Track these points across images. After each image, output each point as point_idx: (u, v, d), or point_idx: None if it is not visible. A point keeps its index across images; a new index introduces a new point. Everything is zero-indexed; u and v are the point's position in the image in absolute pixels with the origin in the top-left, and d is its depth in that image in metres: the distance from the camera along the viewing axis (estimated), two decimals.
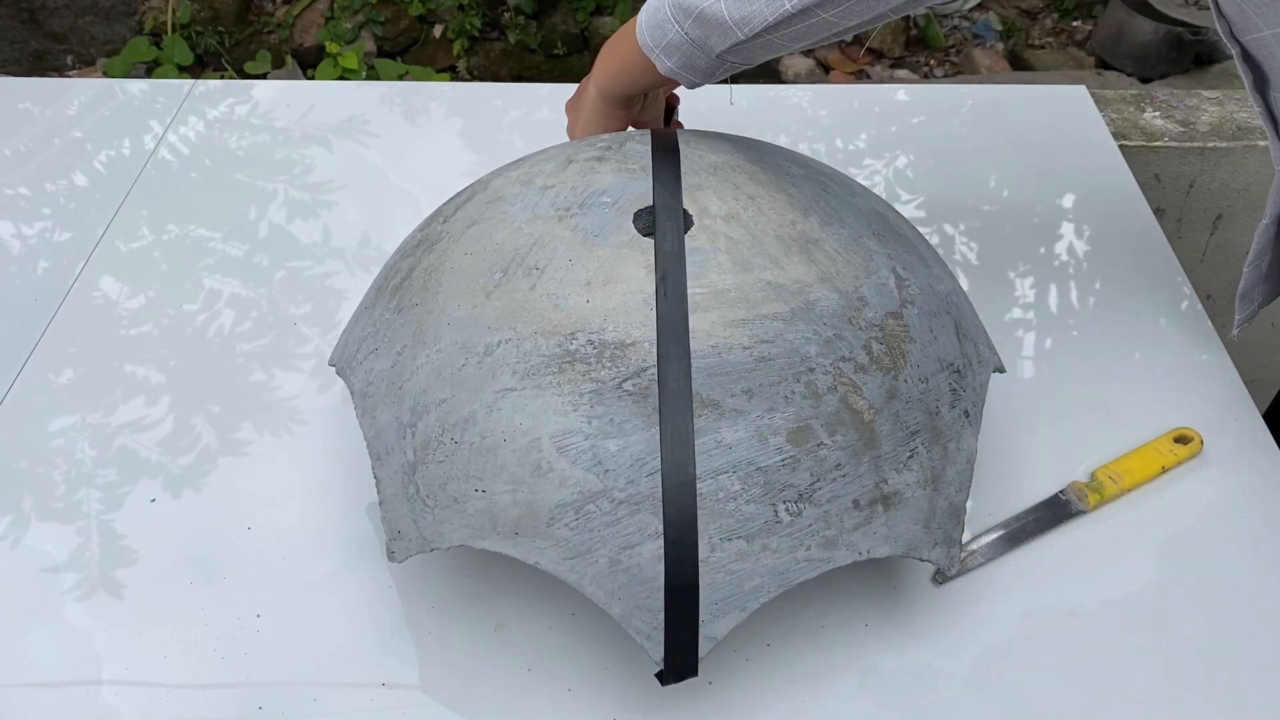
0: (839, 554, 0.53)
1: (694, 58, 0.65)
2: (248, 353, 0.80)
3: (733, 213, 0.59)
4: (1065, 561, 0.65)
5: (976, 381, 0.61)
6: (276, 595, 0.64)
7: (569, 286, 0.56)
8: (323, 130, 1.03)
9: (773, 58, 0.65)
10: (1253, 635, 0.61)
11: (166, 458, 0.72)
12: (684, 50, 0.65)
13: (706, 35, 0.63)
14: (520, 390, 0.54)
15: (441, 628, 0.62)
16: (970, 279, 0.86)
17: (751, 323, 0.55)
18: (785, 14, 0.58)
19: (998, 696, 0.58)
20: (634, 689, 0.59)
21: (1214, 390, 0.75)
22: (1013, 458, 0.71)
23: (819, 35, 0.61)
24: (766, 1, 0.59)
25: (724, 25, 0.61)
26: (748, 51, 0.63)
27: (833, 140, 1.02)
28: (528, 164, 0.66)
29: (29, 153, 1.01)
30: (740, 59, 0.64)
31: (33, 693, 0.59)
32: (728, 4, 0.60)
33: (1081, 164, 0.98)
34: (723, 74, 0.67)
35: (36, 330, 0.82)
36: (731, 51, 0.63)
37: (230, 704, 0.59)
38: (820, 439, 0.53)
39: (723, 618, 0.52)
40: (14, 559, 0.66)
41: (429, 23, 2.59)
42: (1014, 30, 2.67)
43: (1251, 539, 0.66)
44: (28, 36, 2.56)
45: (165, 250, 0.90)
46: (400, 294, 0.62)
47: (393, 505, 0.57)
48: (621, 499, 0.52)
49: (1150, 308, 0.82)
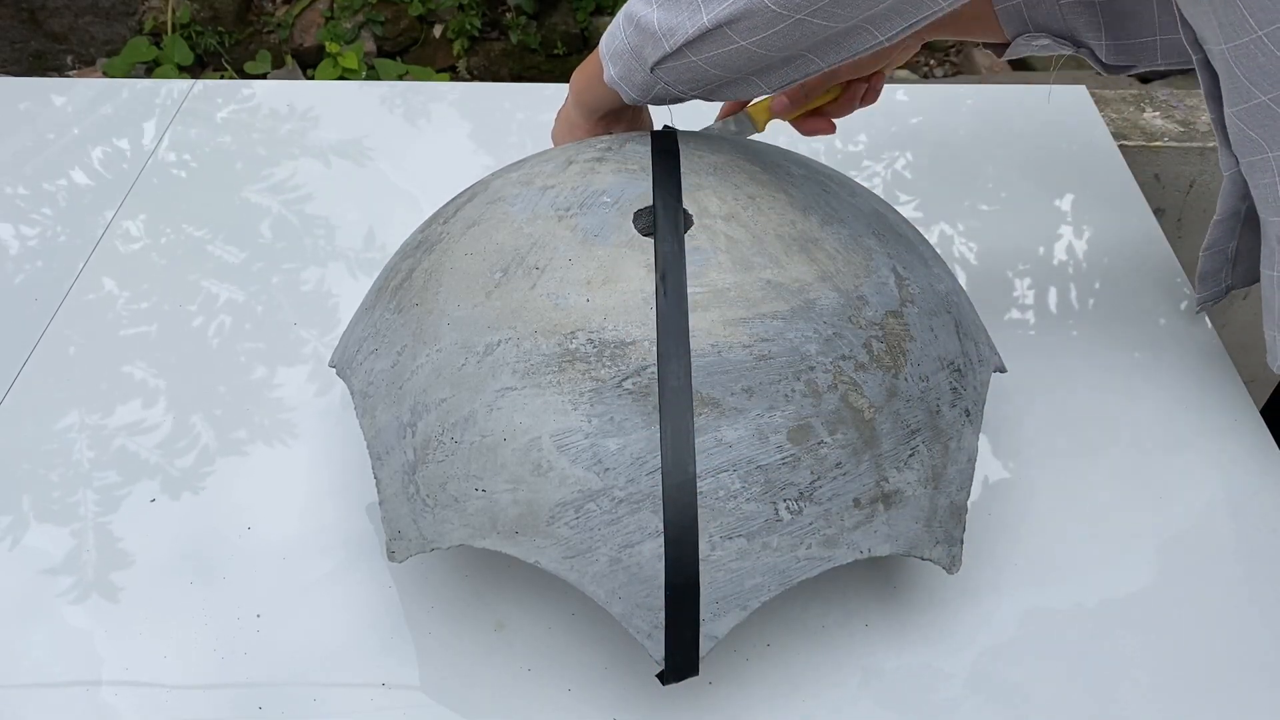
0: (840, 552, 0.53)
1: (632, 69, 0.64)
2: (247, 353, 0.80)
3: (733, 212, 0.59)
4: (1065, 561, 0.65)
5: (977, 380, 0.61)
6: (276, 595, 0.64)
7: (569, 286, 0.56)
8: (323, 131, 1.03)
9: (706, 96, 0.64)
10: (1253, 635, 0.61)
11: (166, 458, 0.72)
12: (625, 59, 0.64)
13: (642, 44, 0.62)
14: (520, 389, 0.54)
15: (441, 628, 0.62)
16: (970, 279, 0.86)
17: (751, 321, 0.55)
18: (701, 29, 0.58)
19: (998, 696, 0.58)
20: (634, 689, 0.59)
21: (1213, 390, 0.75)
22: (1013, 457, 0.71)
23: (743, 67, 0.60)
24: (689, 14, 0.58)
25: (654, 34, 0.60)
26: (676, 71, 0.62)
27: (832, 140, 1.02)
28: (528, 165, 0.66)
29: (29, 153, 1.01)
30: (670, 80, 0.63)
31: (32, 693, 0.59)
32: (659, 12, 0.60)
33: (1081, 164, 0.98)
34: (658, 93, 0.65)
35: (36, 330, 0.82)
36: (662, 67, 0.62)
37: (230, 704, 0.59)
38: (821, 437, 0.53)
39: (723, 616, 0.52)
40: (13, 559, 0.66)
41: (429, 23, 2.59)
42: None
43: (1251, 539, 0.66)
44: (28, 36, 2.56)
45: (165, 251, 0.90)
46: (400, 294, 0.62)
47: (393, 505, 0.57)
48: (622, 498, 0.51)
49: (1150, 308, 0.82)
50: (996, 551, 0.65)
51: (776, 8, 0.55)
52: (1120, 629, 0.61)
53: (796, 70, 0.61)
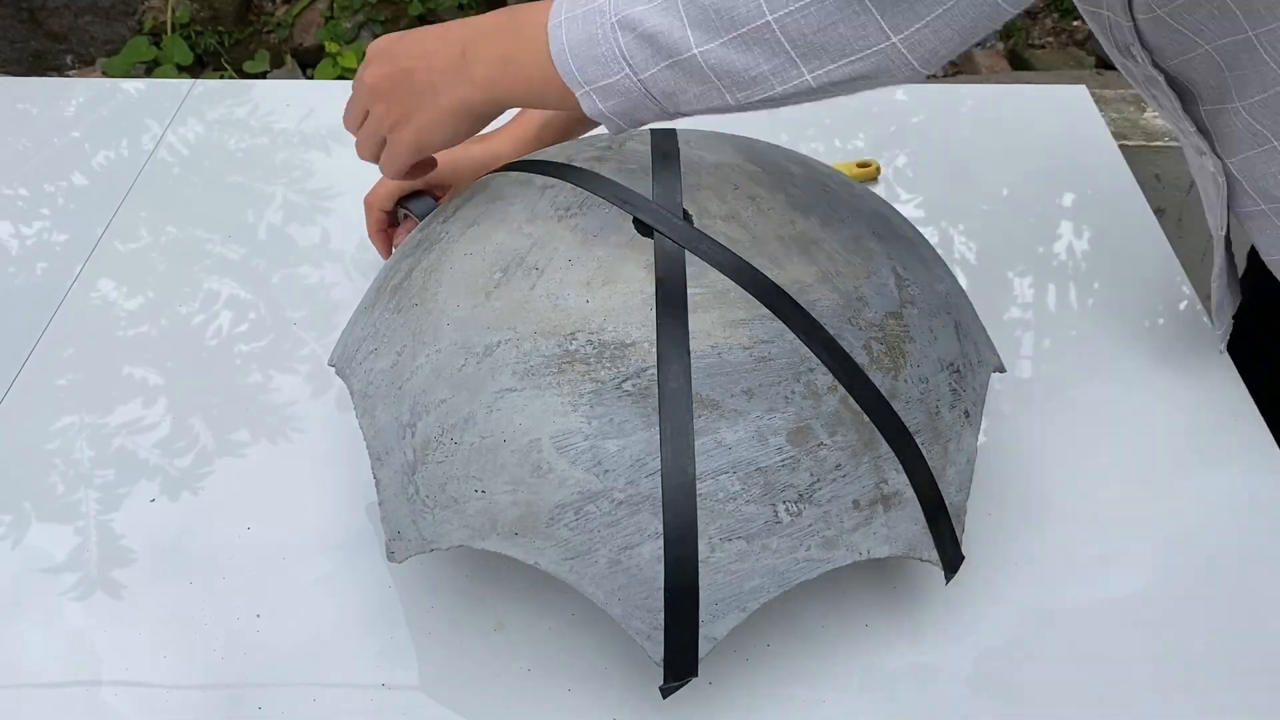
0: (839, 554, 0.53)
1: (642, 108, 0.54)
2: (246, 354, 0.80)
3: (732, 212, 0.59)
4: (1065, 561, 0.65)
5: (977, 381, 0.61)
6: (276, 595, 0.64)
7: (569, 286, 0.56)
8: (322, 131, 1.03)
9: None
10: (1253, 635, 0.61)
11: (165, 458, 0.72)
12: (635, 98, 0.53)
13: (679, 88, 0.52)
14: (520, 390, 0.54)
15: (441, 628, 0.62)
16: (970, 279, 0.86)
17: (751, 323, 0.55)
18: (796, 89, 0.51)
19: (998, 696, 0.58)
20: (634, 689, 0.59)
21: (1214, 389, 0.75)
22: (1013, 457, 0.71)
23: None
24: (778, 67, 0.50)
25: (711, 83, 0.51)
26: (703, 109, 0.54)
27: (833, 140, 1.02)
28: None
29: (28, 153, 1.01)
30: (684, 113, 0.55)
31: (32, 693, 0.59)
32: (713, 62, 0.50)
33: (1081, 164, 0.98)
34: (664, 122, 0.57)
35: (36, 330, 0.82)
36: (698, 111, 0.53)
37: (230, 704, 0.59)
38: (820, 439, 0.53)
39: (723, 618, 0.52)
40: (13, 559, 0.66)
41: (429, 22, 2.59)
42: (1014, 30, 2.67)
43: (1251, 539, 0.66)
44: (28, 36, 2.56)
45: (164, 251, 0.89)
46: (400, 294, 0.62)
47: (392, 505, 0.57)
48: (621, 499, 0.51)
49: (1150, 308, 0.82)
50: (996, 551, 0.65)
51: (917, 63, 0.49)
52: (1120, 629, 0.61)
53: None
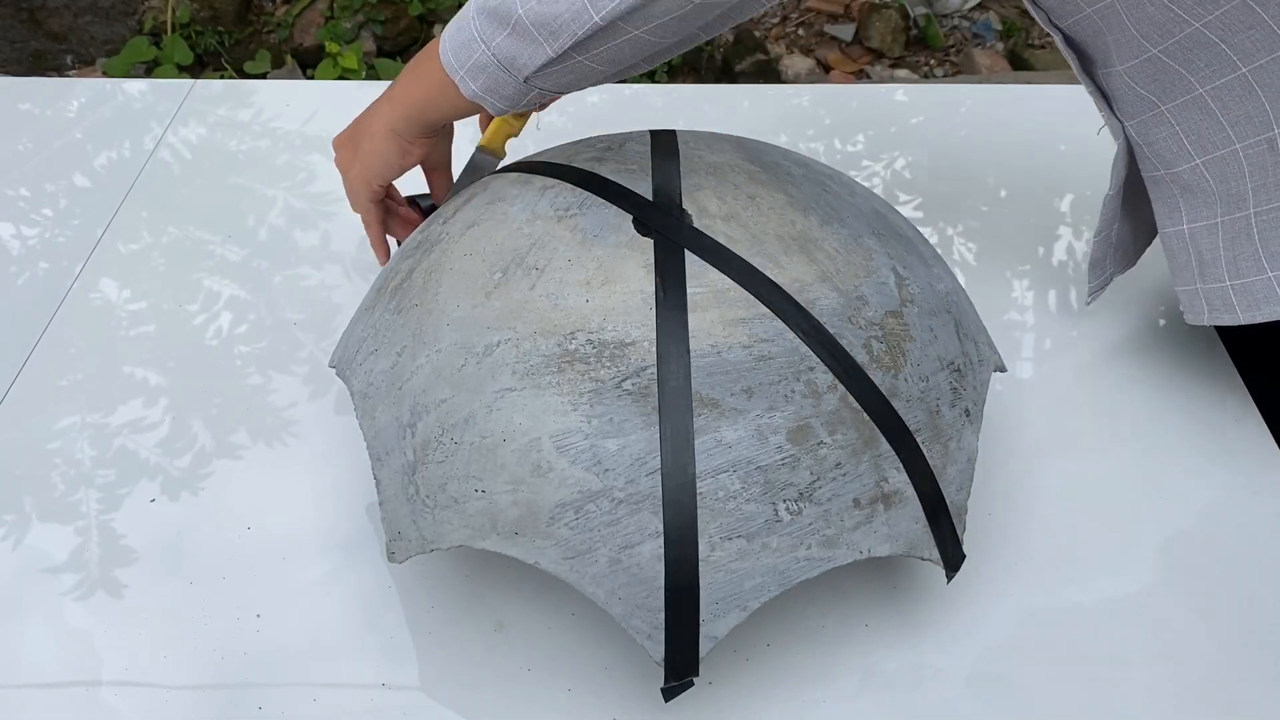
0: (839, 553, 0.53)
1: (501, 81, 0.61)
2: (246, 354, 0.80)
3: (732, 212, 0.59)
4: (1065, 561, 0.65)
5: (977, 380, 0.61)
6: (276, 595, 0.64)
7: (568, 286, 0.56)
8: (323, 132, 1.03)
9: (588, 86, 0.62)
10: (1253, 635, 0.61)
11: (165, 458, 0.72)
12: (490, 72, 0.60)
13: (515, 52, 0.59)
14: (520, 390, 0.54)
15: (441, 628, 0.62)
16: (970, 279, 0.86)
17: (751, 322, 0.55)
18: (592, 28, 0.55)
19: (998, 696, 0.58)
20: (634, 689, 0.59)
21: (1213, 389, 0.75)
22: (1013, 457, 0.71)
23: (632, 57, 0.59)
24: (574, 13, 0.55)
25: (533, 39, 0.58)
26: (557, 75, 0.60)
27: (832, 140, 1.02)
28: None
29: (29, 153, 1.01)
30: (550, 85, 0.61)
31: (32, 693, 0.59)
32: (532, 18, 0.57)
33: (1081, 164, 0.98)
34: (531, 102, 0.63)
35: (36, 331, 0.82)
36: (540, 75, 0.60)
37: (230, 704, 0.59)
38: (820, 438, 0.53)
39: (723, 617, 0.52)
40: (14, 559, 0.66)
41: (429, 23, 2.59)
42: (1014, 30, 2.67)
43: (1251, 539, 0.66)
44: (28, 36, 2.56)
45: (164, 252, 0.90)
46: (400, 295, 0.62)
47: (393, 506, 0.57)
48: (621, 498, 0.51)
49: (1149, 307, 0.82)
50: (996, 551, 0.65)
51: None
52: (1120, 629, 0.61)
53: (680, 49, 0.59)
